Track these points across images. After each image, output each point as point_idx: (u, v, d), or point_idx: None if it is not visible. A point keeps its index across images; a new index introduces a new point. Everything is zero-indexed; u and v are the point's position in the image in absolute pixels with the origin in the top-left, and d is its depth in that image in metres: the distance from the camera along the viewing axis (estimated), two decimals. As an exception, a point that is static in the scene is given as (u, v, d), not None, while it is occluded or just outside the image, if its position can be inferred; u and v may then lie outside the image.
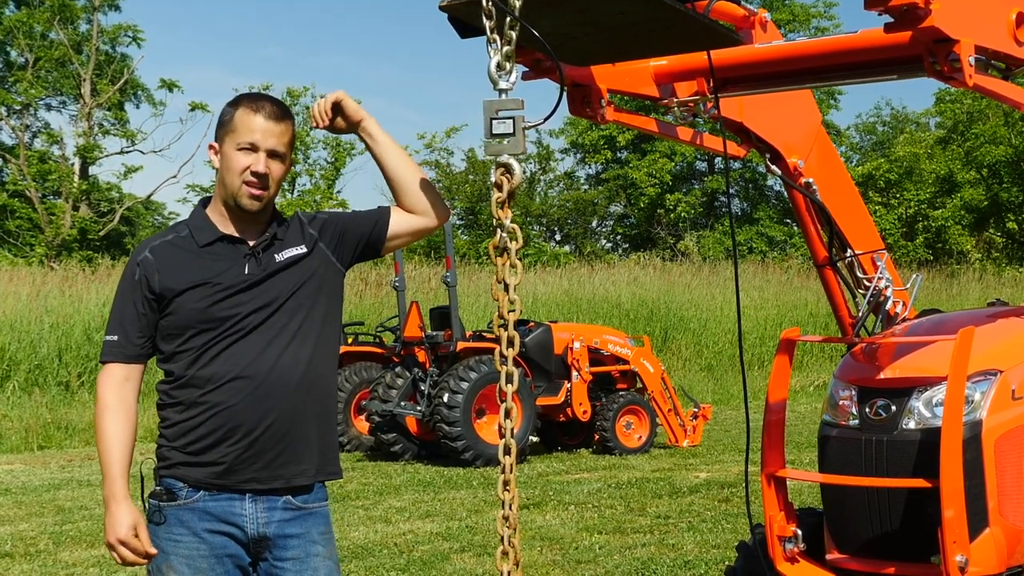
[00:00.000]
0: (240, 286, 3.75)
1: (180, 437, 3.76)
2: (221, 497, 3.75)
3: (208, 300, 3.73)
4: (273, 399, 3.72)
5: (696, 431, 15.44)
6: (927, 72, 4.10)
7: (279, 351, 3.74)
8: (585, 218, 49.22)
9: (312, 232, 3.90)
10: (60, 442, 16.78)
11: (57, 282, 22.47)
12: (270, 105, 3.79)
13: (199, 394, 3.73)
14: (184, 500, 3.75)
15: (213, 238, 3.81)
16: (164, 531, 3.76)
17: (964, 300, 29.30)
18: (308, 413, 3.81)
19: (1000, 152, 41.45)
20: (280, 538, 3.79)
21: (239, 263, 3.78)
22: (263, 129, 3.74)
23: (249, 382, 3.71)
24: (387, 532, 10.00)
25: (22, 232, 37.61)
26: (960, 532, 4.33)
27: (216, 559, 3.76)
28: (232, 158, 3.77)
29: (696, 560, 8.54)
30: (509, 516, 3.32)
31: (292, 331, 3.77)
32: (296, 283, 3.80)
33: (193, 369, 3.73)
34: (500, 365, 3.30)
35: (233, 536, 3.77)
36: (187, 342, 3.74)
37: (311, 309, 3.82)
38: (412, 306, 14.63)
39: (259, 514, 3.77)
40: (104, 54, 40.58)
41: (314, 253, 3.87)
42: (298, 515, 3.83)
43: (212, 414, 3.72)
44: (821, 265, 5.48)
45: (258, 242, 3.82)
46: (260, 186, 3.75)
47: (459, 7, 3.47)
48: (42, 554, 9.43)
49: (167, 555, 3.74)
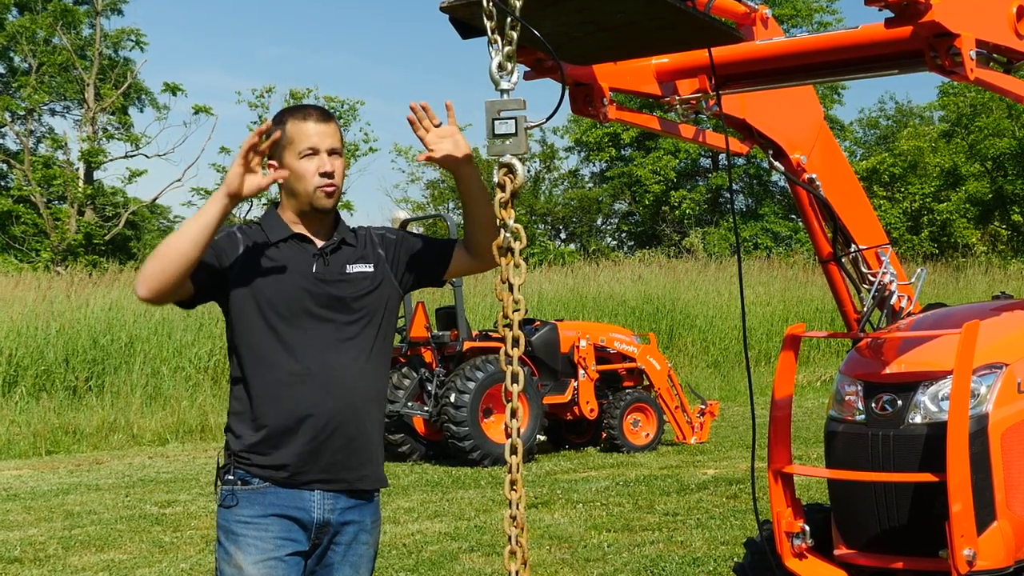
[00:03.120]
0: (308, 283, 3.89)
1: (248, 428, 3.88)
2: (291, 490, 3.89)
3: (277, 291, 3.86)
4: (337, 398, 3.85)
5: (703, 428, 15.43)
6: (928, 67, 4.11)
7: (343, 354, 3.88)
8: (590, 216, 49.22)
9: (380, 252, 4.04)
10: (68, 447, 16.79)
11: (63, 287, 22.48)
12: (315, 110, 3.96)
13: (266, 383, 3.86)
14: (256, 487, 3.88)
15: (286, 235, 3.95)
16: (233, 514, 3.89)
17: (970, 293, 29.27)
18: (369, 420, 3.95)
19: (1004, 145, 41.42)
20: (340, 524, 3.94)
21: (308, 261, 3.92)
22: (318, 132, 3.89)
23: (315, 378, 3.83)
24: (396, 533, 10.01)
25: (27, 237, 37.66)
26: (968, 526, 4.33)
27: (281, 541, 3.87)
28: (298, 166, 3.89)
29: (705, 557, 8.54)
30: (517, 516, 3.33)
31: (353, 336, 3.91)
32: (361, 295, 3.94)
33: (260, 358, 3.87)
34: (506, 365, 3.31)
35: (298, 520, 3.88)
36: (254, 331, 3.87)
37: (371, 322, 3.95)
38: (418, 306, 14.64)
39: (325, 502, 3.91)
40: (107, 58, 40.62)
41: (379, 271, 4.01)
42: (357, 504, 3.97)
43: (279, 403, 3.84)
44: (825, 261, 5.48)
45: (327, 244, 3.96)
46: (331, 183, 3.90)
47: (460, 8, 3.48)
48: (51, 559, 9.45)
49: (236, 536, 3.87)
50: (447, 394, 13.73)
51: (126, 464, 15.17)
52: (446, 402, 13.71)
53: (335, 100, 43.47)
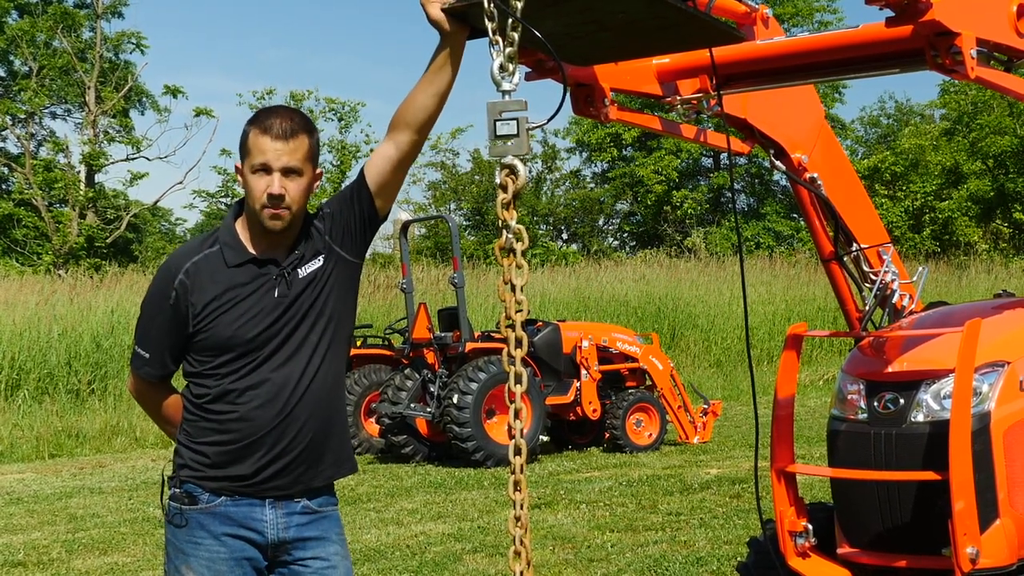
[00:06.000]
0: (272, 311, 3.76)
1: (204, 448, 3.81)
2: (242, 503, 3.80)
3: (239, 326, 3.74)
4: (298, 416, 3.77)
5: (706, 427, 15.43)
6: (929, 65, 4.12)
7: (302, 368, 3.78)
8: (592, 216, 49.22)
9: (325, 237, 3.85)
10: (71, 450, 16.80)
11: (65, 290, 22.50)
12: (280, 121, 3.73)
13: (225, 411, 3.77)
14: (205, 505, 3.81)
15: (243, 260, 3.79)
16: (185, 534, 3.82)
17: (973, 292, 29.26)
18: (329, 423, 3.87)
19: (1006, 142, 41.40)
20: (299, 540, 3.85)
21: (269, 286, 3.77)
22: (273, 149, 3.69)
23: (274, 402, 3.75)
24: (399, 534, 10.02)
25: (29, 241, 37.70)
26: (970, 524, 4.34)
27: (235, 562, 3.81)
28: (249, 181, 3.74)
29: (708, 556, 8.55)
30: (520, 516, 3.33)
31: (313, 344, 3.80)
32: (315, 297, 3.80)
33: (220, 388, 3.77)
34: (508, 366, 3.31)
35: (252, 541, 3.82)
36: (216, 363, 3.78)
37: (330, 319, 3.83)
38: (420, 308, 14.64)
39: (279, 519, 3.83)
40: (108, 61, 40.66)
41: (329, 259, 3.85)
42: (315, 519, 3.89)
43: (236, 431, 3.76)
44: (827, 260, 5.48)
45: (287, 262, 3.80)
46: (278, 207, 3.71)
47: (461, 9, 3.48)
48: (55, 563, 9.45)
49: (187, 557, 3.81)
50: (450, 395, 13.74)
51: (129, 467, 15.18)
52: (449, 403, 13.71)
53: (336, 102, 43.60)
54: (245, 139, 3.75)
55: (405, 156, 3.80)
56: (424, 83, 3.68)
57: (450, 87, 3.68)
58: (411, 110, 3.72)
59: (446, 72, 3.65)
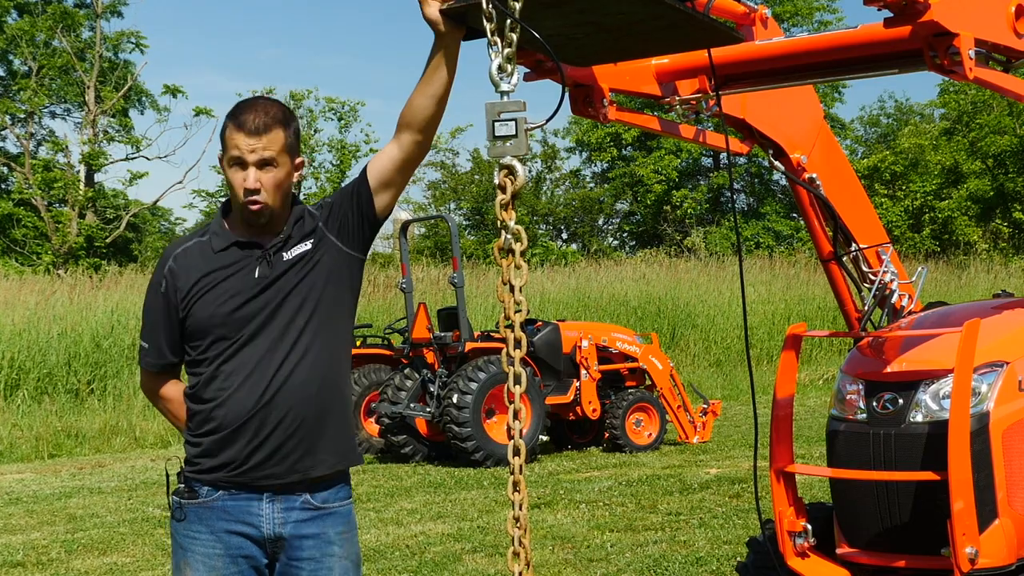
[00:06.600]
0: (251, 290, 3.78)
1: (199, 439, 3.85)
2: (240, 496, 3.81)
3: (219, 305, 3.78)
4: (281, 403, 3.76)
5: (706, 427, 15.43)
6: (927, 66, 4.13)
7: (285, 353, 3.77)
8: (591, 216, 49.25)
9: (320, 225, 3.87)
10: (71, 450, 16.79)
11: (65, 290, 22.47)
12: (253, 116, 3.74)
13: (212, 398, 3.80)
14: (204, 499, 3.83)
15: (227, 243, 3.85)
16: (184, 528, 3.86)
17: (972, 291, 29.26)
18: (320, 408, 3.83)
19: (1005, 142, 41.43)
20: (296, 538, 3.83)
21: (251, 266, 3.81)
22: (246, 143, 3.72)
23: (255, 387, 3.75)
24: (399, 534, 10.02)
25: (28, 240, 37.68)
26: (969, 524, 4.34)
27: (231, 559, 3.82)
28: (227, 174, 3.81)
29: (708, 556, 8.55)
30: (520, 517, 3.33)
31: (299, 328, 3.79)
32: (300, 278, 3.81)
33: (207, 374, 3.81)
34: (507, 366, 3.31)
35: (249, 536, 3.82)
36: (204, 346, 3.82)
37: (317, 302, 3.82)
38: (420, 307, 14.64)
39: (276, 514, 3.82)
40: (107, 61, 40.61)
41: (320, 245, 3.85)
42: (316, 515, 3.86)
43: (221, 417, 3.78)
44: (826, 260, 5.49)
45: (271, 244, 3.83)
46: (255, 200, 3.76)
47: (459, 10, 3.48)
48: (54, 563, 9.45)
49: (185, 551, 3.85)
50: (449, 395, 13.74)
51: (128, 467, 15.16)
52: (448, 403, 13.71)
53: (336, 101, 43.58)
54: (223, 132, 3.80)
55: (409, 157, 3.82)
56: (422, 86, 3.70)
57: (448, 88, 3.69)
58: (411, 113, 3.74)
59: (442, 74, 3.65)
